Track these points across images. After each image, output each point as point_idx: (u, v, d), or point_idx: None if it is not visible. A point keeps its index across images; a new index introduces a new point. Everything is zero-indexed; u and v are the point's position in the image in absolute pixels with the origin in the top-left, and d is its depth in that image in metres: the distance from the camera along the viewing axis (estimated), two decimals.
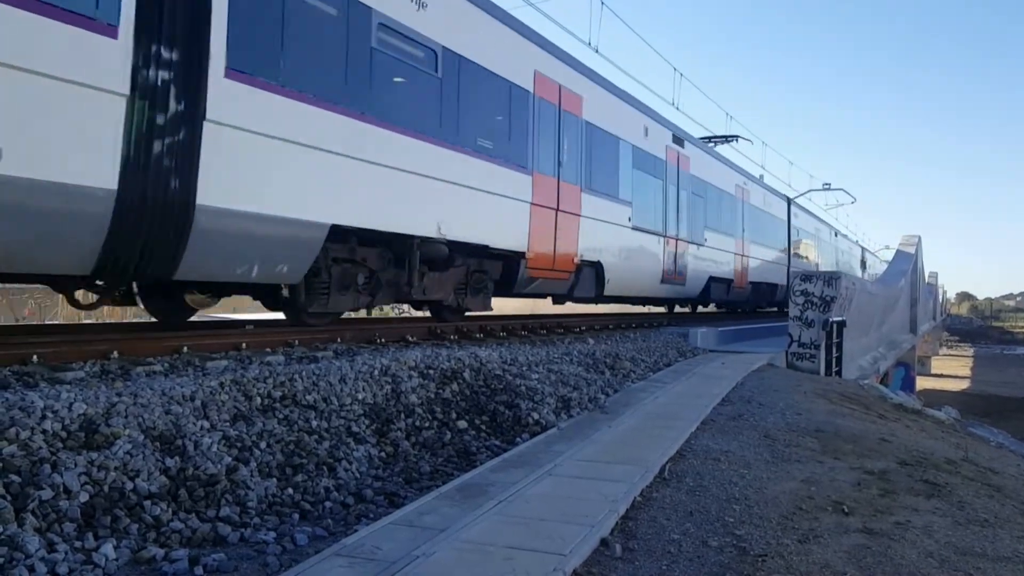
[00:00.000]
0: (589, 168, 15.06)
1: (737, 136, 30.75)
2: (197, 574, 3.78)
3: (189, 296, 9.85)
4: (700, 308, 28.34)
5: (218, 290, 9.82)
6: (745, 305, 29.91)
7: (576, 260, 14.56)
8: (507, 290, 13.41)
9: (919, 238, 43.61)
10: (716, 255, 23.01)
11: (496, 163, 12.02)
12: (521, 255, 12.85)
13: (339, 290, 9.79)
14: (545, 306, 20.31)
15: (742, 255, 25.69)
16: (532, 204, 12.97)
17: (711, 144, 28.38)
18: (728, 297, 25.06)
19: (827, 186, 49.40)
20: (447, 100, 10.87)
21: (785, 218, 32.64)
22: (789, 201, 33.31)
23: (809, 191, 46.61)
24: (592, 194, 15.15)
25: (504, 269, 13.05)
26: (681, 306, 26.61)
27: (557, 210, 13.74)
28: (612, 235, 16.11)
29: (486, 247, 11.99)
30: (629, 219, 16.85)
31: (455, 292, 12.21)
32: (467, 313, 13.12)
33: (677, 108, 23.40)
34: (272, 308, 10.46)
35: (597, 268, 15.61)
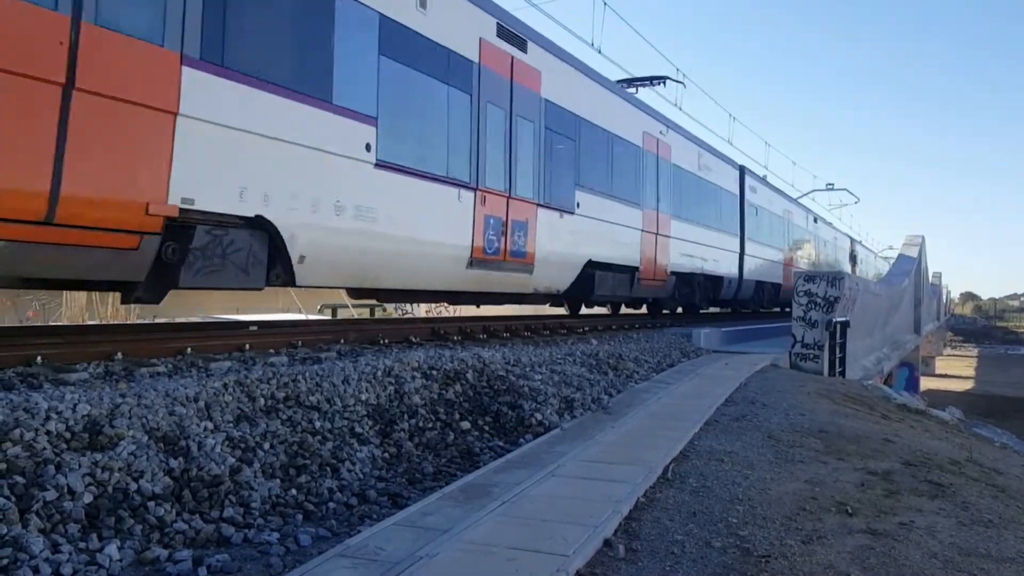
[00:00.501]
0: (218, 18, 7.41)
1: (665, 77, 22.10)
2: (201, 575, 3.79)
3: None
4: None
5: None
6: (668, 304, 21.72)
7: (164, 211, 7.02)
8: None
9: (923, 238, 43.50)
10: (604, 230, 15.58)
11: None
12: None
13: None
14: (549, 308, 19.81)
15: (656, 234, 18.02)
16: None
17: (632, 90, 19.85)
18: (632, 293, 17.28)
19: (830, 186, 49.44)
20: None
21: (736, 191, 24.49)
22: (742, 170, 25.34)
23: (812, 191, 46.67)
24: (228, 77, 7.51)
25: None
26: (554, 305, 18.37)
27: (72, 87, 6.22)
28: (311, 171, 8.61)
29: None
30: (369, 147, 9.39)
31: None
32: None
33: (680, 108, 23.15)
34: None
35: (266, 233, 8.25)
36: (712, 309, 25.98)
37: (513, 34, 12.60)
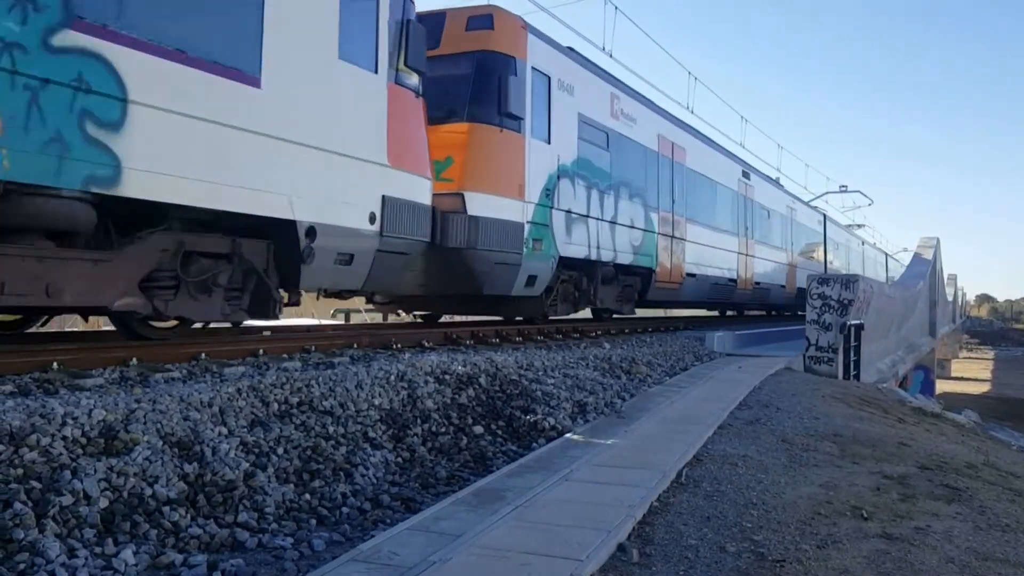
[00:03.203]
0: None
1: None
2: None
3: None
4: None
5: None
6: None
7: None
8: None
9: (937, 240, 43.20)
10: None
11: None
12: None
13: None
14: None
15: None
16: None
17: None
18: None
19: (844, 188, 49.12)
20: None
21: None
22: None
23: (826, 193, 46.37)
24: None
25: None
26: None
27: None
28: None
29: None
30: None
31: None
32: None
33: (692, 111, 23.00)
34: None
35: None
36: None
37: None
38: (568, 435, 7.21)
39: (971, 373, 69.48)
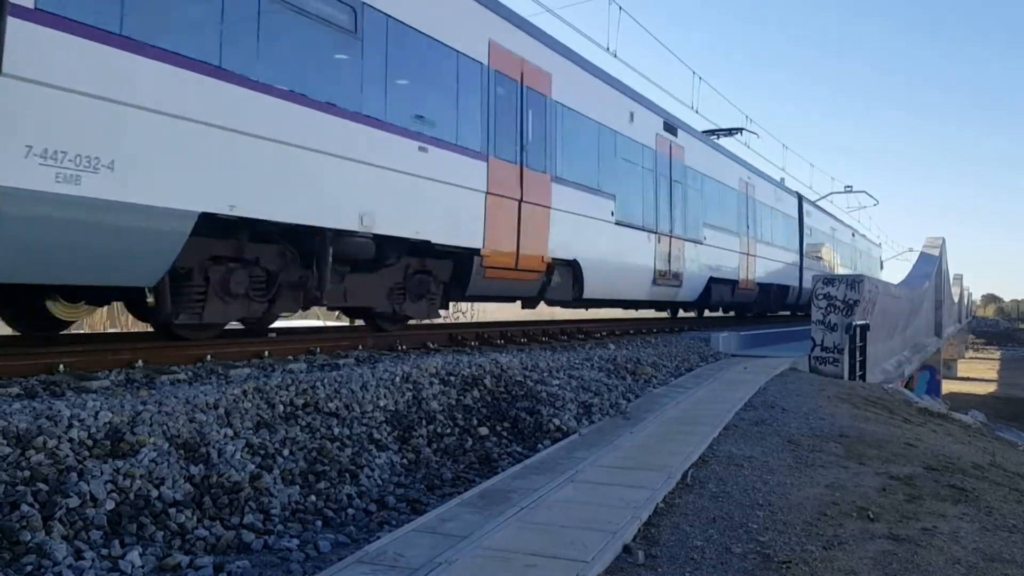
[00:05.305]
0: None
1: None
2: None
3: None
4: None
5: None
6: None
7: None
8: None
9: (943, 240, 43.13)
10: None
11: None
12: None
13: None
14: (562, 312, 20.10)
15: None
16: None
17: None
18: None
19: (849, 188, 48.96)
20: None
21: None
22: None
23: (831, 193, 46.28)
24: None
25: None
26: None
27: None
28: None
29: None
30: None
31: None
32: None
33: (696, 111, 23.00)
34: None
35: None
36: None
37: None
38: (573, 436, 7.21)
39: (977, 373, 69.30)
